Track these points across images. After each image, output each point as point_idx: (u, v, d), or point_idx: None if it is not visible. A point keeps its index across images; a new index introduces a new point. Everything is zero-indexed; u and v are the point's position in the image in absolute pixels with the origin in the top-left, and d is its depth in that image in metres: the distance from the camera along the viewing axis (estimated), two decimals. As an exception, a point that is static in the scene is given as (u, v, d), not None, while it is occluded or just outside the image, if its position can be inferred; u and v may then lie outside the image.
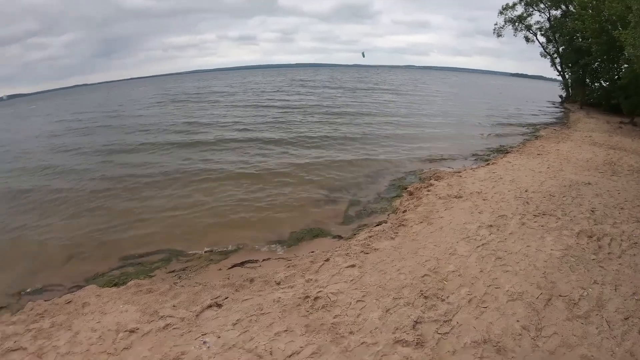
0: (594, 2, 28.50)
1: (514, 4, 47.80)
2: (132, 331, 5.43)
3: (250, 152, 16.95)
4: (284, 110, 30.13)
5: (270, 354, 4.84)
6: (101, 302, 6.37)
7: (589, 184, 11.69)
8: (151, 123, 26.06)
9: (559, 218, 8.99)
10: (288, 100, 37.95)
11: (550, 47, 47.78)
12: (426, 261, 7.05)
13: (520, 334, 5.06)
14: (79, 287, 7.27)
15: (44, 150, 20.28)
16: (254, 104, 35.70)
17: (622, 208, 9.82)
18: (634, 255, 7.36)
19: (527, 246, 7.55)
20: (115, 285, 7.25)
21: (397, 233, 8.47)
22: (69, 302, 6.51)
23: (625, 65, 27.02)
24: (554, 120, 32.27)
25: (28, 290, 7.40)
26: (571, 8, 39.24)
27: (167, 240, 9.17)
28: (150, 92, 69.43)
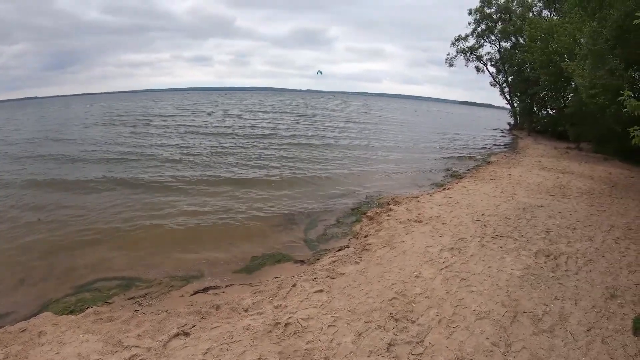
0: (543, 35, 29.90)
1: (466, 36, 50.42)
2: (95, 363, 5.23)
3: (201, 185, 16.25)
4: (235, 138, 29.65)
5: (246, 383, 4.76)
6: (59, 331, 6.07)
7: (542, 206, 12.10)
8: (88, 150, 24.13)
9: (516, 239, 9.27)
10: (241, 127, 37.28)
11: (499, 76, 50.26)
12: (393, 284, 7.11)
13: (491, 351, 5.17)
14: (33, 314, 6.91)
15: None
16: (203, 130, 34.51)
17: (574, 228, 10.19)
18: (590, 271, 7.64)
19: (489, 267, 7.74)
20: (72, 312, 6.92)
21: (361, 257, 8.54)
22: (23, 330, 6.16)
23: (572, 95, 28.39)
24: (504, 146, 33.41)
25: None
26: (521, 40, 41.23)
27: (123, 265, 8.94)
28: (96, 110, 66.15)
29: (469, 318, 5.94)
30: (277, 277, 8.08)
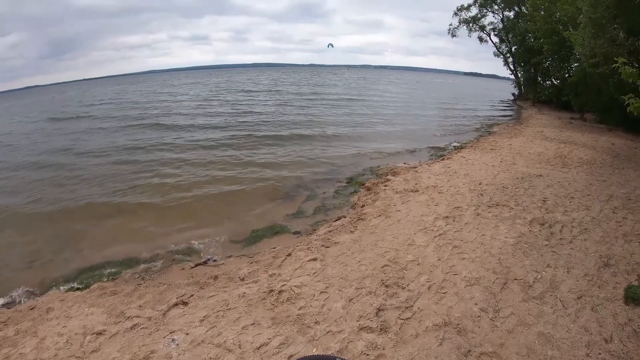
0: (546, 4, 29.67)
1: (469, 5, 49.93)
2: (99, 333, 5.35)
3: (200, 163, 16.35)
4: (232, 116, 29.34)
5: (239, 347, 4.86)
6: (65, 307, 6.25)
7: (541, 175, 12.09)
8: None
9: (512, 208, 9.30)
10: (244, 109, 36.45)
11: (503, 47, 49.82)
12: (385, 252, 7.19)
13: (479, 316, 5.25)
14: (42, 292, 7.18)
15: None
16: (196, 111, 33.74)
17: (572, 197, 10.20)
18: (585, 240, 7.67)
19: (482, 235, 7.79)
20: (78, 289, 7.17)
21: (356, 227, 8.60)
22: (32, 308, 6.37)
23: (575, 64, 28.19)
24: (507, 117, 33.29)
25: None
26: (524, 9, 40.90)
27: (127, 243, 9.12)
28: (74, 98, 66.54)
29: (459, 284, 6.02)
30: (273, 248, 8.22)
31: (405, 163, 15.21)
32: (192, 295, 6.21)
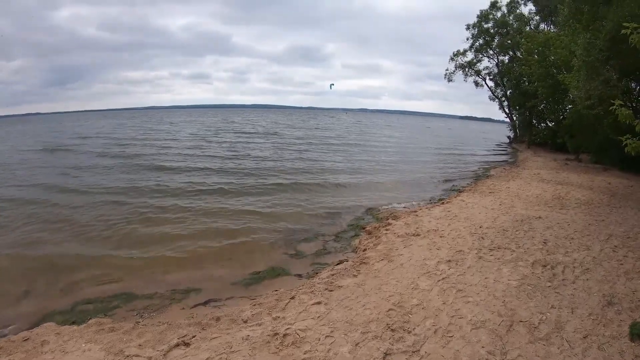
0: (540, 48, 30.28)
1: (465, 51, 51.18)
2: (96, 371, 5.28)
3: (199, 205, 16.21)
4: (234, 159, 29.45)
5: (243, 391, 4.82)
6: (61, 341, 6.15)
7: (540, 217, 12.16)
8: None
9: (514, 250, 9.33)
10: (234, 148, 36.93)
11: (498, 90, 50.89)
12: (390, 296, 7.16)
13: (487, 359, 5.22)
14: (36, 324, 7.04)
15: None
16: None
17: (572, 238, 10.25)
18: (587, 279, 7.68)
19: (486, 278, 7.79)
20: (74, 323, 7.06)
21: (359, 271, 8.57)
22: (26, 339, 6.25)
23: (570, 106, 28.62)
24: (504, 160, 33.57)
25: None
26: (518, 54, 41.65)
27: (125, 280, 9.11)
28: (72, 129, 67.40)
29: (465, 328, 5.99)
30: (276, 290, 8.14)
31: (405, 207, 15.30)
32: (194, 336, 6.12)
